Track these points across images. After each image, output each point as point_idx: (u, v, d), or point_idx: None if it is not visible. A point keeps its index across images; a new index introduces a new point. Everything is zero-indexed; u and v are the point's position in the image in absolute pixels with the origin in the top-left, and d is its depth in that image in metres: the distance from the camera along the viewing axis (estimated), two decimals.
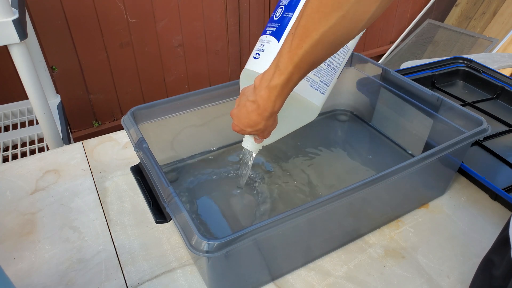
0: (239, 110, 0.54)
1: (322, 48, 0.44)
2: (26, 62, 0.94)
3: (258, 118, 0.51)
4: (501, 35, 2.24)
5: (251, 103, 0.51)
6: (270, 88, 0.48)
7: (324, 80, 0.60)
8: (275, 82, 0.47)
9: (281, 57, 0.46)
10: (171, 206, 0.48)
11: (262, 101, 0.50)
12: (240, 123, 0.54)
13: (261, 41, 0.61)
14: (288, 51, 0.45)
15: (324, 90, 0.61)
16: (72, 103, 1.73)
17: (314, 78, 0.60)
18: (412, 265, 0.59)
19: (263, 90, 0.49)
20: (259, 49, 0.61)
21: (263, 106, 0.50)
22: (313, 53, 0.44)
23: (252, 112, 0.51)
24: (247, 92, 0.53)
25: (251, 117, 0.52)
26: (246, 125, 0.54)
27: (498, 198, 0.69)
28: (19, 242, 0.62)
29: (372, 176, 0.52)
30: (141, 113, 0.65)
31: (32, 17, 1.47)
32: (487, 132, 0.62)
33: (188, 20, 1.81)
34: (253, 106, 0.51)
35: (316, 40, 0.43)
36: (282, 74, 0.46)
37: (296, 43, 0.44)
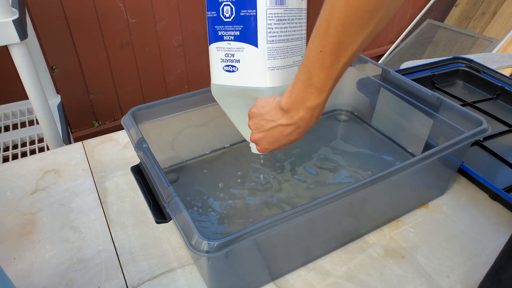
0: (270, 135, 0.52)
1: (358, 52, 0.43)
2: (26, 62, 0.94)
3: (299, 136, 0.51)
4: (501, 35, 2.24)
5: (286, 127, 0.49)
6: (312, 108, 0.46)
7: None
8: (316, 102, 0.46)
9: (314, 75, 0.44)
10: (171, 206, 0.48)
11: (304, 123, 0.48)
12: (272, 145, 0.53)
13: (223, 49, 0.56)
14: (324, 68, 0.43)
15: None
16: (72, 103, 1.73)
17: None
18: (412, 265, 0.59)
19: (303, 112, 0.47)
20: (228, 60, 0.55)
21: (305, 126, 0.49)
22: (351, 60, 0.43)
23: (291, 133, 0.50)
24: (271, 116, 0.50)
25: (291, 138, 0.51)
26: (282, 145, 0.53)
27: (498, 198, 0.69)
28: (19, 242, 0.62)
29: (372, 176, 0.52)
30: (141, 113, 0.65)
31: (32, 17, 1.47)
32: (487, 132, 0.62)
33: (188, 20, 1.81)
34: (291, 128, 0.49)
35: (355, 50, 0.41)
36: (322, 92, 0.45)
37: (333, 59, 0.42)
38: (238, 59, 0.54)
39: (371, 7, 0.38)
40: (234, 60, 0.54)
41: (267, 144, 0.53)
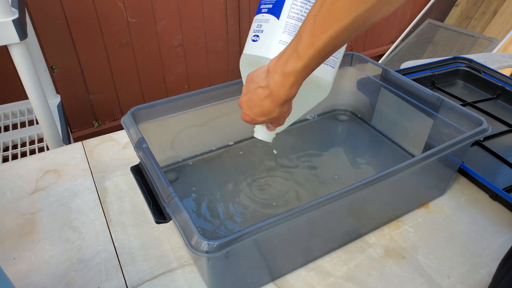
0: (249, 98, 0.49)
1: (350, 32, 0.40)
2: (26, 62, 0.94)
3: (272, 105, 0.47)
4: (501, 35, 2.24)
5: (262, 90, 0.47)
6: (286, 74, 0.44)
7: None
8: (292, 67, 0.43)
9: (300, 40, 0.42)
10: (171, 206, 0.48)
11: (275, 87, 0.46)
12: (251, 112, 0.50)
13: (257, 21, 0.57)
14: (310, 35, 0.41)
15: (334, 64, 0.57)
16: (72, 103, 1.73)
17: None
18: (412, 265, 0.59)
19: (277, 76, 0.45)
20: (257, 30, 0.56)
21: (276, 93, 0.46)
22: (339, 38, 0.40)
23: (264, 99, 0.47)
24: (257, 77, 0.49)
25: (263, 104, 0.48)
26: (259, 114, 0.49)
27: (498, 198, 0.69)
28: (19, 242, 0.62)
29: (372, 176, 0.52)
30: (141, 113, 0.65)
31: (32, 17, 1.47)
32: (487, 132, 0.62)
33: (188, 20, 1.81)
34: (265, 92, 0.47)
35: (346, 25, 0.39)
36: (300, 59, 0.43)
37: (321, 27, 0.40)
38: (262, 29, 0.56)
39: None
40: (259, 31, 0.56)
41: (247, 108, 0.50)
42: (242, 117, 0.52)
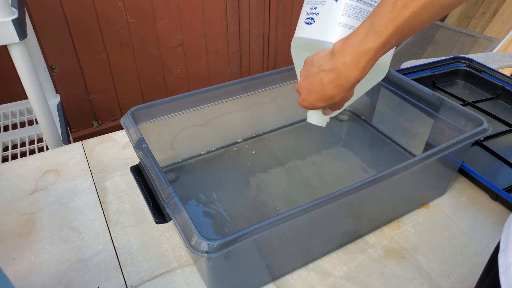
0: (309, 82, 0.47)
1: (432, 11, 0.39)
2: (26, 62, 0.94)
3: (337, 89, 0.45)
4: (501, 34, 2.24)
5: (327, 73, 0.44)
6: (361, 53, 0.42)
7: None
8: (369, 45, 0.41)
9: (378, 17, 0.40)
10: (171, 206, 0.48)
11: (345, 69, 0.43)
12: (310, 97, 0.47)
13: (311, 2, 0.54)
14: (391, 10, 0.39)
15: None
16: (72, 103, 1.73)
17: None
18: (412, 265, 0.59)
19: (349, 56, 0.42)
20: (311, 12, 0.53)
21: (345, 75, 0.44)
22: (420, 16, 0.39)
23: (329, 83, 0.45)
24: (318, 61, 0.46)
25: (327, 89, 0.45)
26: (319, 99, 0.47)
27: (498, 198, 0.69)
28: (18, 242, 0.62)
29: (372, 176, 0.52)
30: (140, 113, 0.65)
31: (32, 17, 1.47)
32: (488, 132, 0.62)
33: (188, 20, 1.81)
34: (330, 76, 0.44)
35: (429, 1, 0.38)
36: (379, 36, 0.41)
37: (403, 3, 0.39)
38: (318, 12, 0.53)
39: None
40: (314, 13, 0.53)
41: (306, 94, 0.48)
42: (299, 102, 0.50)
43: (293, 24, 2.16)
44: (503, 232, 0.37)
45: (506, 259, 0.34)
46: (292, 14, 2.12)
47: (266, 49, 2.15)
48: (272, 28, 2.09)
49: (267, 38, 2.11)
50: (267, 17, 2.04)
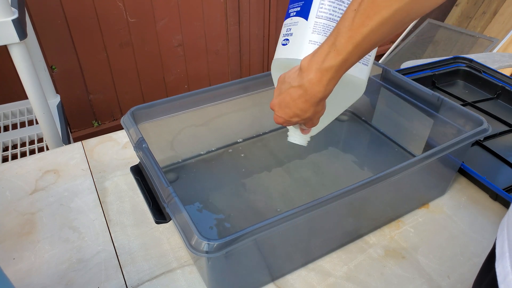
0: (282, 99, 0.49)
1: (390, 27, 0.40)
2: (26, 62, 0.94)
3: (306, 105, 0.47)
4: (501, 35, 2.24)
5: (296, 89, 0.46)
6: (323, 70, 0.43)
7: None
8: (330, 63, 0.43)
9: (339, 35, 0.41)
10: (171, 206, 0.48)
11: (310, 86, 0.45)
12: (284, 113, 0.49)
13: (287, 25, 0.57)
14: (349, 29, 0.41)
15: (368, 62, 0.56)
16: (72, 103, 1.73)
17: None
18: (412, 265, 0.59)
19: (313, 73, 0.44)
20: (287, 34, 0.56)
21: (311, 91, 0.45)
22: (379, 32, 0.40)
23: (298, 99, 0.46)
24: (289, 77, 0.48)
25: (297, 104, 0.47)
26: (292, 115, 0.49)
27: (498, 198, 0.69)
28: (18, 242, 0.62)
29: (372, 176, 0.52)
30: (141, 113, 0.65)
31: (32, 17, 1.47)
32: (488, 132, 0.62)
33: (188, 19, 1.81)
34: (298, 92, 0.46)
35: (386, 18, 0.39)
36: (339, 54, 0.42)
37: (360, 21, 0.40)
38: (292, 32, 0.56)
39: None
40: (289, 34, 0.56)
41: (279, 110, 0.50)
42: (274, 119, 0.52)
43: None
44: (498, 238, 0.37)
45: (503, 268, 0.34)
46: None
47: (266, 49, 2.15)
48: (272, 28, 2.09)
49: (267, 38, 2.11)
50: (267, 17, 2.04)
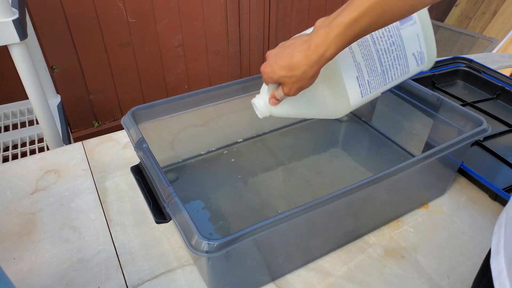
0: (282, 50, 0.48)
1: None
2: (26, 62, 0.94)
3: (303, 59, 0.46)
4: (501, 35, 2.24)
5: (301, 42, 0.46)
6: (332, 25, 0.43)
7: (371, 82, 0.54)
8: (341, 19, 0.43)
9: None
10: (171, 206, 0.48)
11: (316, 40, 0.44)
12: (275, 63, 0.48)
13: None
14: None
15: (365, 93, 0.55)
16: (72, 103, 1.73)
17: (364, 73, 0.54)
18: (412, 265, 0.59)
19: (323, 28, 0.44)
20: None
21: (315, 46, 0.45)
22: (390, 1, 0.42)
23: (299, 49, 0.46)
24: (299, 36, 0.48)
25: (295, 56, 0.46)
26: (283, 67, 0.47)
27: (498, 198, 0.69)
28: (19, 242, 0.62)
29: (372, 176, 0.52)
30: (141, 113, 0.65)
31: (32, 17, 1.47)
32: (487, 132, 0.62)
33: (188, 20, 1.81)
34: (303, 45, 0.45)
35: None
36: (351, 11, 0.43)
37: None
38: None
39: None
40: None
41: (273, 59, 0.48)
42: (262, 67, 0.50)
43: (293, 24, 2.16)
44: (494, 236, 0.37)
45: (498, 264, 0.34)
46: (292, 14, 2.13)
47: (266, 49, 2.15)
48: (272, 28, 2.09)
49: (267, 38, 2.11)
50: (267, 17, 2.04)
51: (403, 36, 0.55)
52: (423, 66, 0.59)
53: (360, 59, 0.53)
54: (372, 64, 0.54)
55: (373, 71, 0.54)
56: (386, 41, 0.54)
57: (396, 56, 0.55)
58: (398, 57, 0.56)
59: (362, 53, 0.53)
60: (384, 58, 0.55)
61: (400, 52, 0.56)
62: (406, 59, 0.56)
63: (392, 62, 0.56)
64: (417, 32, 0.56)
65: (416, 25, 0.56)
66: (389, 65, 0.55)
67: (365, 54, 0.54)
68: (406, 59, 0.56)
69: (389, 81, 0.56)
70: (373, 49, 0.54)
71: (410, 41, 0.56)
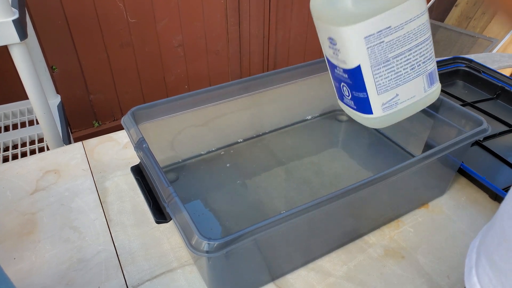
0: None
1: None
2: (26, 62, 0.94)
3: None
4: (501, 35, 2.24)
5: None
6: None
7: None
8: None
9: None
10: (171, 206, 0.48)
11: None
12: None
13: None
14: None
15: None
16: (72, 103, 1.73)
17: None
18: (412, 265, 0.59)
19: None
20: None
21: None
22: None
23: None
24: None
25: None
26: None
27: (498, 198, 0.69)
28: (19, 242, 0.62)
29: (372, 176, 0.52)
30: (141, 113, 0.65)
31: (32, 17, 1.47)
32: (487, 132, 0.62)
33: (188, 20, 1.81)
34: None
35: None
36: None
37: None
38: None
39: None
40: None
41: None
42: None
43: (293, 24, 2.16)
44: (467, 257, 0.38)
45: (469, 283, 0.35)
46: (292, 14, 2.13)
47: (266, 49, 2.15)
48: (272, 28, 2.09)
49: (267, 38, 2.11)
50: (267, 17, 2.04)
51: None
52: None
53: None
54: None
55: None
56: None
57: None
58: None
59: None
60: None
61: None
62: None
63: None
64: None
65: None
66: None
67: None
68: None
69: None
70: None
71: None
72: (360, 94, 0.50)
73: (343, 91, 0.52)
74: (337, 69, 0.49)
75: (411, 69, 0.48)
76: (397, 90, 0.49)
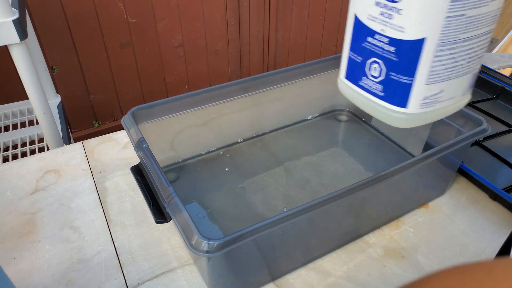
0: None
1: None
2: (26, 62, 0.94)
3: None
4: (501, 35, 2.24)
5: None
6: None
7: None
8: None
9: None
10: (171, 206, 0.48)
11: None
12: None
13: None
14: None
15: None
16: (72, 103, 1.73)
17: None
18: (412, 265, 0.59)
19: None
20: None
21: None
22: None
23: None
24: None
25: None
26: None
27: (498, 198, 0.69)
28: (19, 242, 0.62)
29: (372, 176, 0.52)
30: (141, 113, 0.65)
31: (32, 17, 1.47)
32: (487, 132, 0.62)
33: (188, 20, 1.82)
34: None
35: None
36: None
37: None
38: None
39: None
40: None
41: None
42: None
43: (293, 24, 2.17)
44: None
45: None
46: (292, 14, 2.13)
47: (266, 49, 2.15)
48: (272, 28, 2.09)
49: (267, 38, 2.11)
50: (267, 17, 2.04)
51: None
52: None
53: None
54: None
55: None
56: None
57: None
58: None
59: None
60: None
61: None
62: None
63: None
64: None
65: None
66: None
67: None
68: None
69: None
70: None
71: None
72: (402, 78, 0.39)
73: (371, 69, 0.40)
74: (378, 36, 0.37)
75: (468, 61, 0.39)
76: (445, 85, 0.40)
